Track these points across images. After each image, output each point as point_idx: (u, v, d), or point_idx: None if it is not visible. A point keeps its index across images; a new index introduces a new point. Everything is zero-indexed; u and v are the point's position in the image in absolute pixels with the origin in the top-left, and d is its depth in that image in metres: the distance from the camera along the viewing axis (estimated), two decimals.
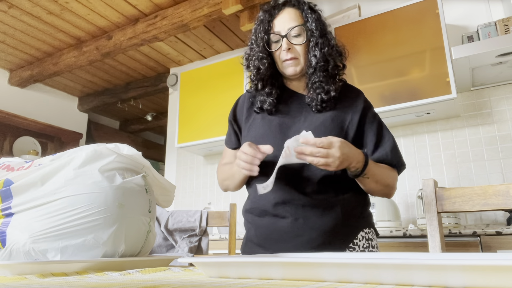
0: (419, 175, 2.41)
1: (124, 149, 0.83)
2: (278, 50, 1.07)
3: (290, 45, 1.05)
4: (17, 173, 0.73)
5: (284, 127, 1.07)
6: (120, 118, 5.41)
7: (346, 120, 1.06)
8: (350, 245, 1.02)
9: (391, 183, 1.05)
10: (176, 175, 3.55)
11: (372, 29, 2.36)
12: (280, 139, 1.05)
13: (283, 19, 1.07)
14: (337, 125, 1.05)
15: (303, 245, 0.99)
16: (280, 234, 1.01)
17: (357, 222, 1.04)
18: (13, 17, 3.01)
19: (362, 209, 1.08)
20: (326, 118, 1.05)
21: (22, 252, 0.67)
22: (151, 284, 0.43)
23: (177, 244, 1.63)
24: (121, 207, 0.72)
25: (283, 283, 0.42)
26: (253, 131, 1.11)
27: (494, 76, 2.19)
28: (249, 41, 1.15)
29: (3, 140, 3.70)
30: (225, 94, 2.97)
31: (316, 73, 1.05)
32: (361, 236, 1.04)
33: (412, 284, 0.38)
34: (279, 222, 1.01)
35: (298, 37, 1.06)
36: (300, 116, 1.08)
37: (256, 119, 1.13)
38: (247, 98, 1.19)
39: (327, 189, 1.02)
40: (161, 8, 2.94)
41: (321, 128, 1.03)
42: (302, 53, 1.06)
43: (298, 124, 1.07)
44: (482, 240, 1.65)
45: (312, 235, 0.99)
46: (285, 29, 1.05)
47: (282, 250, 1.01)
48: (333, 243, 0.99)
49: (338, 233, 1.00)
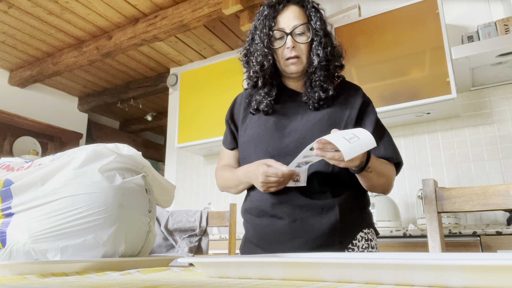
0: (419, 175, 2.41)
1: (124, 149, 0.83)
2: (281, 48, 1.05)
3: (295, 43, 1.03)
4: (17, 173, 0.73)
5: (280, 126, 1.06)
6: (120, 118, 5.41)
7: (344, 116, 1.05)
8: (349, 245, 1.01)
9: (391, 178, 1.04)
10: (176, 175, 3.55)
11: (372, 29, 2.36)
12: (277, 138, 1.04)
13: (288, 16, 1.05)
14: (334, 122, 1.04)
15: (300, 246, 0.98)
16: (278, 235, 1.00)
17: (356, 223, 1.04)
18: (13, 17, 3.01)
19: (361, 209, 1.07)
20: (323, 115, 1.05)
21: (22, 252, 0.67)
22: (151, 284, 0.42)
23: (177, 244, 1.63)
24: (121, 207, 0.72)
25: (283, 283, 0.42)
26: (250, 130, 1.10)
27: (494, 76, 2.19)
28: (249, 36, 1.12)
29: (3, 140, 3.70)
30: (225, 94, 2.97)
31: (317, 72, 1.04)
32: (360, 237, 1.03)
33: (412, 284, 0.38)
34: (276, 223, 1.01)
35: (302, 35, 1.05)
36: (297, 114, 1.07)
37: (252, 119, 1.12)
38: (244, 97, 1.18)
39: (325, 189, 1.01)
40: (161, 8, 2.94)
41: (318, 126, 1.03)
42: (305, 51, 1.05)
43: (295, 123, 1.06)
44: (482, 240, 1.65)
45: (309, 237, 0.98)
46: (290, 26, 1.04)
47: (279, 252, 1.00)
48: (331, 245, 0.99)
49: (336, 234, 0.99)
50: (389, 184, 1.05)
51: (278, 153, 1.03)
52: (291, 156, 1.00)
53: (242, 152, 1.13)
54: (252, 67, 1.09)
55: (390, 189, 1.07)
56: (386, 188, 1.05)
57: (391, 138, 1.09)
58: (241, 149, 1.13)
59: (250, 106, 1.14)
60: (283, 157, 1.02)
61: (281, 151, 1.03)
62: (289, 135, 1.04)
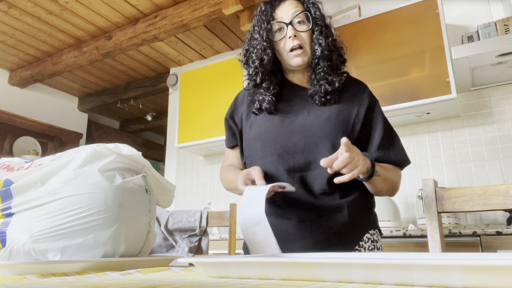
0: (419, 175, 2.41)
1: (124, 149, 0.83)
2: (282, 40, 1.03)
3: (296, 32, 1.01)
4: (17, 173, 0.73)
5: (287, 122, 1.03)
6: (120, 118, 5.41)
7: (352, 114, 1.03)
8: (356, 247, 0.99)
9: (397, 182, 1.04)
10: (176, 175, 3.55)
11: (372, 29, 2.36)
12: (284, 135, 1.01)
13: (286, 8, 1.04)
14: (343, 120, 1.01)
15: (308, 247, 0.96)
16: (286, 236, 0.98)
17: (363, 224, 1.02)
18: (13, 17, 3.01)
19: (367, 210, 1.06)
20: (332, 112, 1.02)
21: (22, 252, 0.67)
22: (151, 284, 0.42)
23: (177, 244, 1.63)
24: (121, 207, 0.72)
25: (283, 283, 0.42)
26: (256, 127, 1.07)
27: (494, 76, 2.19)
28: (248, 35, 1.10)
29: (3, 140, 3.70)
30: (225, 94, 2.97)
31: (320, 63, 1.02)
32: (367, 238, 1.01)
33: (412, 284, 0.38)
34: (284, 223, 0.99)
35: (302, 24, 1.03)
36: (303, 110, 1.04)
37: (257, 116, 1.09)
38: (247, 95, 1.15)
39: (334, 190, 0.99)
40: (161, 8, 2.94)
41: (328, 124, 1.00)
42: (307, 41, 1.03)
43: (302, 118, 1.02)
44: (482, 240, 1.65)
45: (317, 238, 0.96)
46: (289, 16, 1.02)
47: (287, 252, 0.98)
48: (338, 246, 0.97)
49: (344, 235, 0.98)
50: (396, 188, 1.04)
51: (287, 151, 1.00)
52: (299, 154, 0.98)
53: (247, 149, 1.09)
54: (251, 65, 1.06)
55: (396, 192, 1.06)
56: (392, 191, 1.05)
57: (400, 140, 1.07)
58: (246, 147, 1.10)
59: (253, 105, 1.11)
60: (292, 155, 1.00)
61: (290, 149, 1.00)
62: (297, 132, 1.01)
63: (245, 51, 1.10)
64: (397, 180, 1.04)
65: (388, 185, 1.01)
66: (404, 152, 1.06)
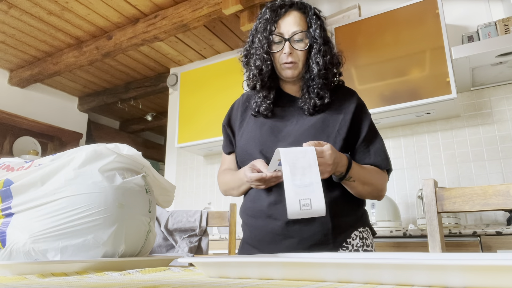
0: (419, 175, 2.41)
1: (124, 149, 0.83)
2: (278, 52, 1.07)
3: (292, 50, 1.05)
4: (17, 173, 0.73)
5: (275, 130, 1.08)
6: (120, 118, 5.41)
7: (338, 120, 1.06)
8: (343, 244, 1.01)
9: (379, 185, 1.06)
10: (176, 175, 3.55)
11: (372, 29, 2.36)
12: (271, 141, 1.06)
13: (288, 22, 1.06)
14: (327, 127, 1.05)
15: (294, 246, 0.99)
16: (272, 236, 1.02)
17: (349, 222, 1.04)
18: (13, 17, 3.01)
19: (355, 208, 1.07)
20: (317, 120, 1.06)
21: (22, 252, 0.67)
22: (151, 284, 0.42)
23: (177, 244, 1.63)
24: (121, 207, 0.72)
25: (283, 283, 0.42)
26: (246, 134, 1.12)
27: (494, 76, 2.19)
28: (250, 36, 1.13)
29: (3, 140, 3.70)
30: (225, 94, 2.97)
31: (315, 80, 1.06)
32: (355, 235, 1.04)
33: (412, 284, 0.38)
34: (271, 224, 1.02)
35: (300, 42, 1.06)
36: (292, 119, 1.09)
37: (249, 123, 1.14)
38: (242, 103, 1.20)
39: None
40: (161, 8, 2.94)
41: (311, 131, 1.04)
42: (301, 58, 1.07)
43: (290, 127, 1.07)
44: (482, 240, 1.65)
45: (302, 236, 0.99)
46: (289, 32, 1.05)
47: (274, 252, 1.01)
48: (324, 244, 0.99)
49: (329, 233, 1.00)
50: (378, 191, 1.06)
51: None
52: None
53: (240, 156, 1.14)
54: (251, 70, 1.11)
55: (382, 196, 1.09)
56: (376, 195, 1.07)
57: (383, 144, 1.10)
58: (239, 154, 1.14)
59: (249, 109, 1.15)
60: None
61: None
62: (283, 139, 1.06)
63: (246, 52, 1.14)
64: (380, 183, 1.06)
65: (369, 188, 1.03)
66: (385, 154, 1.09)
